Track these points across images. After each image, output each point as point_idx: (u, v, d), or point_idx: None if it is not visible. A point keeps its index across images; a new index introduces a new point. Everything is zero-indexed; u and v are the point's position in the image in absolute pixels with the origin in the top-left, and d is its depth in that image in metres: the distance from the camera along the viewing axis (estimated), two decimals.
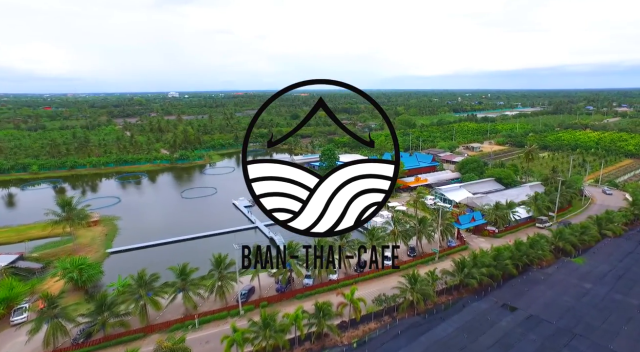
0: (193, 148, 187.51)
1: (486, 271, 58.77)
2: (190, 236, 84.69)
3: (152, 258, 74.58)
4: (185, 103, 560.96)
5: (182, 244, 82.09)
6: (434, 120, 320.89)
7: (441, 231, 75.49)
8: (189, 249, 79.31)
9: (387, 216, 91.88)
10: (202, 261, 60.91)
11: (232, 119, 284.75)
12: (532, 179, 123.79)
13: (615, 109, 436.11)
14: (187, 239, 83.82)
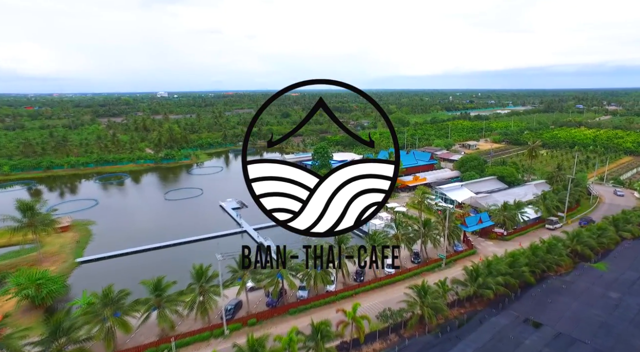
0: (179, 147, 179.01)
1: (502, 279, 52.35)
2: (172, 242, 76.99)
3: (127, 268, 66.87)
4: (174, 103, 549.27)
5: (162, 252, 74.38)
6: (427, 118, 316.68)
7: (447, 235, 68.99)
8: (169, 257, 71.72)
9: (386, 218, 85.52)
10: (183, 271, 53.62)
11: (220, 118, 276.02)
12: (535, 177, 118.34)
13: (605, 107, 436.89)
14: (169, 246, 76.11)
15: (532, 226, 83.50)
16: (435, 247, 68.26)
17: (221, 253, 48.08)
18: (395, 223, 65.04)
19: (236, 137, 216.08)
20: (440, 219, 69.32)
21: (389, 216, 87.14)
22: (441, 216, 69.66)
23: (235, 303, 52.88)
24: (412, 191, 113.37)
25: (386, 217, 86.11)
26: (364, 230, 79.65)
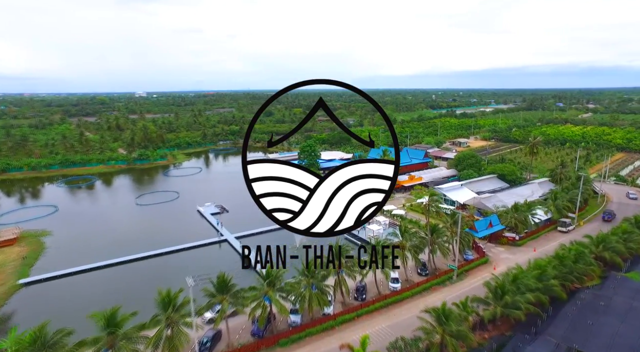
0: (155, 147, 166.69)
1: (532, 297, 44.13)
2: (140, 256, 66.33)
3: (83, 290, 56.16)
4: (152, 102, 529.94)
5: (127, 267, 63.71)
6: (414, 116, 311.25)
7: (457, 242, 60.69)
8: (135, 274, 61.18)
9: (384, 222, 76.96)
10: (150, 292, 43.48)
11: (200, 117, 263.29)
12: (536, 175, 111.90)
13: (586, 105, 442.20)
14: (135, 260, 65.44)
15: (543, 229, 76.17)
16: (445, 257, 59.81)
17: (193, 276, 38.24)
18: (400, 230, 56.24)
19: (216, 136, 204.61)
20: (449, 224, 61.00)
21: (387, 220, 78.59)
22: (450, 221, 61.36)
23: (212, 335, 43.02)
24: (407, 191, 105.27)
25: (384, 221, 77.53)
26: (363, 239, 71.03)
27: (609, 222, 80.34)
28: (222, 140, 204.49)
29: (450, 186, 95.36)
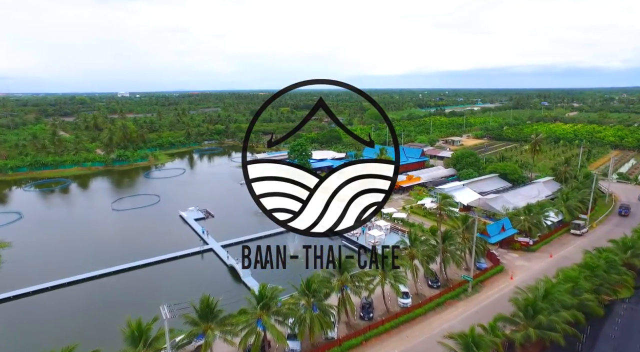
0: (135, 147, 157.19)
1: (569, 315, 38.06)
2: (111, 270, 58.29)
3: (37, 316, 48.01)
4: (134, 102, 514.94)
5: (95, 285, 55.69)
6: (404, 115, 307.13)
7: (469, 249, 54.57)
8: (103, 293, 53.22)
9: (385, 227, 70.50)
10: (118, 316, 36.00)
11: (184, 116, 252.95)
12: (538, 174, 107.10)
13: (572, 104, 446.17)
14: (105, 275, 57.41)
15: (555, 232, 70.77)
16: (458, 267, 53.56)
17: (167, 305, 30.87)
18: (410, 237, 49.70)
19: (201, 136, 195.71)
20: (461, 229, 54.82)
21: (388, 224, 72.19)
22: (462, 226, 55.19)
23: None
24: (406, 192, 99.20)
25: (385, 226, 71.11)
26: (367, 247, 64.39)
27: (625, 217, 78.10)
28: (207, 140, 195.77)
29: (452, 187, 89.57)
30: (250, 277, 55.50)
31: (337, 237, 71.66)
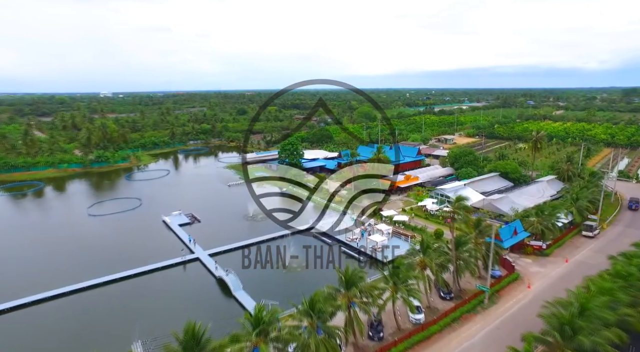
0: (116, 148, 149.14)
1: (613, 335, 33.30)
2: (81, 285, 51.65)
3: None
4: (117, 102, 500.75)
5: (61, 304, 49.07)
6: (394, 113, 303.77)
7: (484, 256, 49.74)
8: (70, 316, 46.65)
9: (387, 231, 65.40)
10: (85, 348, 29.87)
11: (168, 115, 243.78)
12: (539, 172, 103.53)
13: (557, 103, 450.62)
14: (73, 292, 50.79)
15: (567, 234, 66.61)
16: (473, 276, 48.64)
17: (142, 341, 24.88)
18: (422, 245, 44.47)
19: (186, 135, 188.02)
20: (474, 234, 49.90)
21: (390, 228, 67.07)
22: (475, 230, 50.30)
23: None
24: (404, 192, 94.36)
25: (387, 230, 65.99)
26: (375, 257, 59.23)
27: (635, 211, 77.92)
28: (193, 140, 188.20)
29: (454, 187, 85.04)
30: (242, 291, 49.68)
31: (335, 242, 66.50)
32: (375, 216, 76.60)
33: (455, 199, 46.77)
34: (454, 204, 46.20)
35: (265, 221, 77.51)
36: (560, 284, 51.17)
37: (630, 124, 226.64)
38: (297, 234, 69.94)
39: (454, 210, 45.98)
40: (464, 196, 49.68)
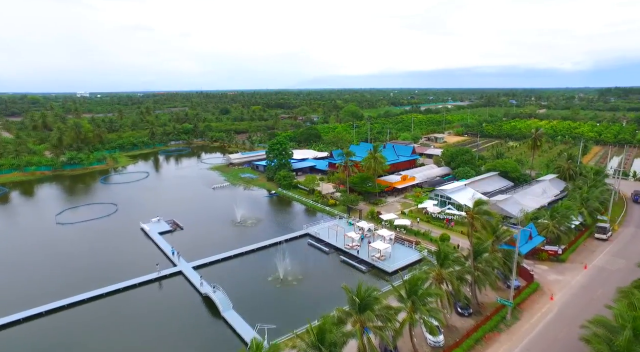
0: (91, 149, 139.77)
1: None
2: (41, 310, 44.33)
3: None
4: (95, 102, 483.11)
5: (16, 332, 41.81)
6: (380, 112, 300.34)
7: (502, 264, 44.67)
8: (28, 347, 39.48)
9: (389, 237, 60.02)
10: None
11: (148, 115, 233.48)
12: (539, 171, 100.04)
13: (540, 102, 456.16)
14: (31, 318, 43.51)
15: (579, 237, 62.47)
16: (494, 288, 43.51)
17: None
18: (438, 255, 39.05)
19: (167, 135, 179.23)
20: (491, 242, 44.78)
21: (392, 234, 61.64)
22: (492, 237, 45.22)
23: None
24: (401, 194, 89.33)
25: (389, 235, 60.54)
26: (366, 260, 53.63)
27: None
28: (174, 140, 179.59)
29: (454, 187, 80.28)
30: (232, 311, 43.32)
31: (332, 250, 60.83)
32: (375, 220, 71.21)
33: (475, 202, 41.54)
34: (474, 209, 40.94)
35: (255, 227, 71.21)
36: (584, 294, 46.75)
37: (613, 122, 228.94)
38: (291, 241, 64.00)
39: (473, 215, 40.72)
40: (484, 199, 44.51)
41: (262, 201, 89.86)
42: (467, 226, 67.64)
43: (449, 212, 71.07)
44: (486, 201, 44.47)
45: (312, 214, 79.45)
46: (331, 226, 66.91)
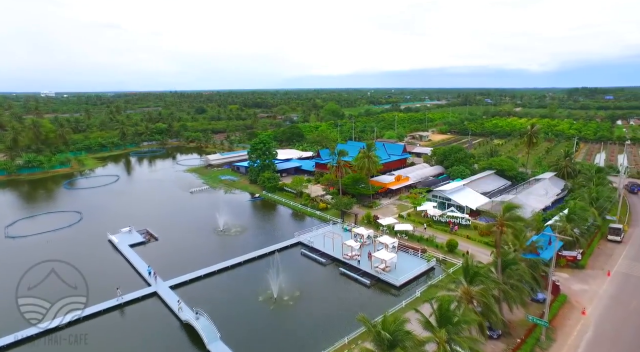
0: (54, 151, 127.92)
1: None
2: None
3: None
4: (60, 101, 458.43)
5: None
6: (361, 111, 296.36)
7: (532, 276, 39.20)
8: None
9: (392, 245, 54.03)
10: None
11: (118, 114, 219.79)
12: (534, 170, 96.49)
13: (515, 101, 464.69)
14: None
15: (592, 240, 58.15)
16: (524, 306, 37.83)
17: None
18: (466, 270, 33.03)
19: (139, 136, 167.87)
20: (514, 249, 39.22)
21: (395, 241, 55.55)
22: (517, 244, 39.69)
23: None
24: (395, 195, 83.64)
25: (392, 243, 54.42)
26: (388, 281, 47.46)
27: (636, 194, 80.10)
28: (147, 141, 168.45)
29: (454, 188, 75.18)
30: (219, 342, 36.01)
31: (329, 260, 54.29)
32: (373, 225, 65.07)
33: (504, 207, 35.82)
34: (504, 215, 35.16)
35: (240, 236, 63.70)
36: (617, 306, 41.92)
37: (589, 120, 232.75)
38: (282, 251, 56.96)
39: (503, 222, 34.92)
40: (515, 202, 38.87)
41: (246, 205, 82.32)
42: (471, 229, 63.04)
43: (452, 215, 65.68)
44: (518, 205, 38.80)
45: (301, 219, 72.63)
46: (325, 233, 60.33)
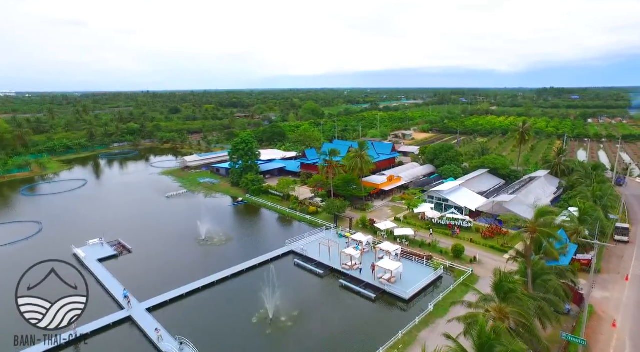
0: (11, 153, 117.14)
1: None
2: None
3: None
4: (22, 101, 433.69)
5: None
6: (340, 110, 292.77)
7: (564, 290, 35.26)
8: None
9: (395, 252, 49.41)
10: None
11: (86, 114, 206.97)
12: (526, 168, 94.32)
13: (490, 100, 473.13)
14: None
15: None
16: (558, 321, 33.78)
17: None
18: (499, 287, 28.54)
19: (109, 137, 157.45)
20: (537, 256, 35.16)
21: (397, 247, 50.93)
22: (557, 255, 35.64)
23: None
24: (388, 196, 79.29)
25: (395, 250, 49.77)
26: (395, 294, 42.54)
27: (621, 186, 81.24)
28: (118, 142, 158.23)
29: (450, 188, 71.37)
30: None
31: (327, 271, 49.16)
32: (369, 230, 60.33)
33: (538, 212, 31.65)
34: (536, 220, 30.94)
35: (225, 245, 57.58)
36: None
37: (564, 118, 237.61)
38: (273, 261, 51.36)
39: (536, 229, 30.71)
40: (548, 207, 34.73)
41: (228, 210, 76.08)
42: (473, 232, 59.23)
43: (452, 217, 61.73)
44: (553, 209, 34.75)
45: (290, 225, 67.14)
46: (320, 240, 55.14)
